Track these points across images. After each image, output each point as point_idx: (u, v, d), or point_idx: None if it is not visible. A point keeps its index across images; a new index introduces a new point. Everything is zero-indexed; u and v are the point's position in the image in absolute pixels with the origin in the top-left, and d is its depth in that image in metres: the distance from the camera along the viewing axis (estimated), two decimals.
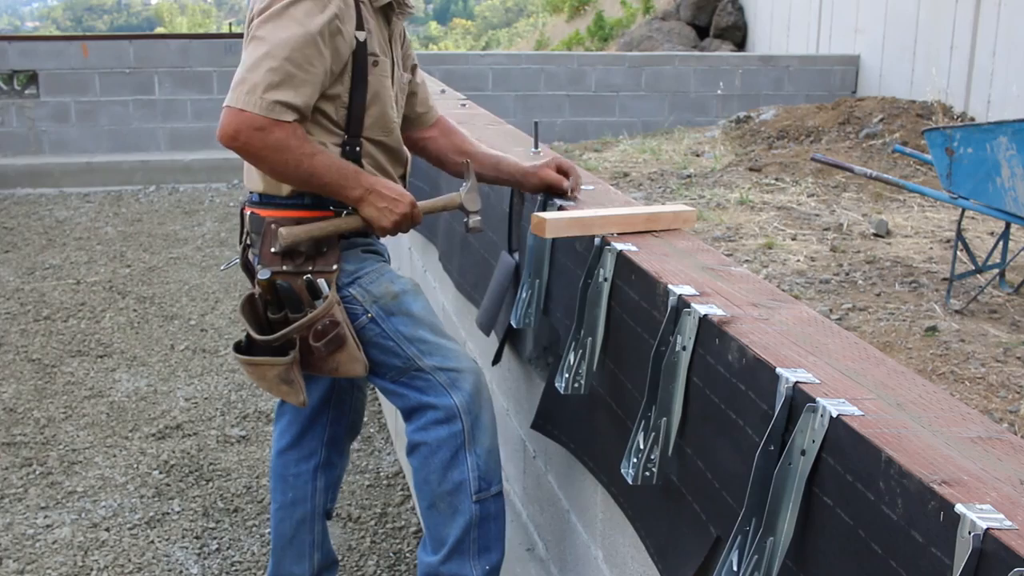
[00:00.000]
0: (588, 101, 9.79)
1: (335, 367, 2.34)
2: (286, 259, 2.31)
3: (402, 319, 2.37)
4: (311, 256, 2.32)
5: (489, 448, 2.38)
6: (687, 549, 1.71)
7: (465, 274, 3.35)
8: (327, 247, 2.33)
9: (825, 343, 1.56)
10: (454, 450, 2.35)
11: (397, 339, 2.36)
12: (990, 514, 1.04)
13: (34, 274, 6.14)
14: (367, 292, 2.37)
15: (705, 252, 2.08)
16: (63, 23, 67.08)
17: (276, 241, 2.30)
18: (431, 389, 2.36)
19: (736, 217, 6.13)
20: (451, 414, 2.34)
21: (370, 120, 2.36)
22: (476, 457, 2.36)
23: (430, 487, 2.37)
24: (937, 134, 4.82)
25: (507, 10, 49.71)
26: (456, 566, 2.37)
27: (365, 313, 2.36)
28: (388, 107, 2.39)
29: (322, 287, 2.30)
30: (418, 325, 2.38)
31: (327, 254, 2.33)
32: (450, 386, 2.36)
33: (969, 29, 8.90)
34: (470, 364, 2.41)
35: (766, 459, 1.38)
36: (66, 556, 3.17)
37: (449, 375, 2.36)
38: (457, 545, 2.37)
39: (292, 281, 2.30)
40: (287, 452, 2.66)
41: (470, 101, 4.51)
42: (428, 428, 2.36)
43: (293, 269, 2.31)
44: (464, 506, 2.35)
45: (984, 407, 3.54)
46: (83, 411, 4.21)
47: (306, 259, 2.32)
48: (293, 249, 2.30)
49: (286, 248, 2.29)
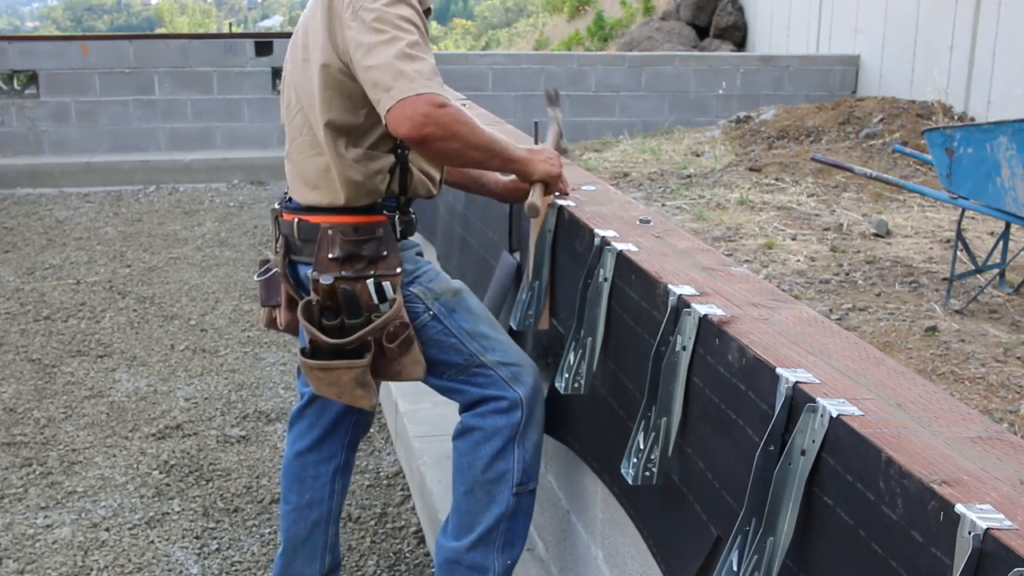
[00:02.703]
0: (588, 101, 9.79)
1: (399, 370, 2.34)
2: (345, 264, 2.30)
3: (463, 315, 2.39)
4: (372, 260, 2.31)
5: (536, 444, 2.41)
6: (688, 549, 1.71)
7: (465, 274, 3.35)
8: (387, 250, 2.32)
9: (825, 343, 1.56)
10: (506, 440, 2.37)
11: (460, 335, 2.37)
12: (990, 514, 1.04)
13: (34, 274, 6.15)
14: (429, 290, 2.38)
15: (705, 252, 2.08)
16: (63, 23, 67.08)
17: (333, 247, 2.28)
18: (493, 384, 2.38)
19: (736, 217, 6.13)
20: (514, 404, 2.37)
21: None
22: (524, 451, 2.38)
23: (473, 472, 2.39)
24: (937, 134, 4.82)
25: (507, 10, 49.70)
26: (480, 555, 2.39)
27: (427, 311, 2.37)
28: None
29: (388, 290, 2.29)
30: (479, 321, 2.40)
31: (388, 257, 2.31)
32: (513, 380, 2.38)
33: (969, 29, 8.90)
34: (529, 360, 2.44)
35: (766, 459, 1.38)
36: (66, 556, 3.17)
37: (511, 370, 2.39)
38: (486, 535, 2.39)
39: (354, 285, 2.29)
40: (306, 454, 2.64)
41: (470, 101, 4.51)
42: (486, 416, 2.38)
43: (353, 274, 2.30)
44: (502, 496, 2.37)
45: (984, 407, 3.54)
46: (83, 411, 4.21)
47: (368, 263, 2.31)
48: (355, 254, 2.29)
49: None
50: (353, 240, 2.29)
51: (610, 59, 10.18)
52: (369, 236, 2.30)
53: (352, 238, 2.29)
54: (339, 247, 2.28)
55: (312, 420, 2.64)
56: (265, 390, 4.45)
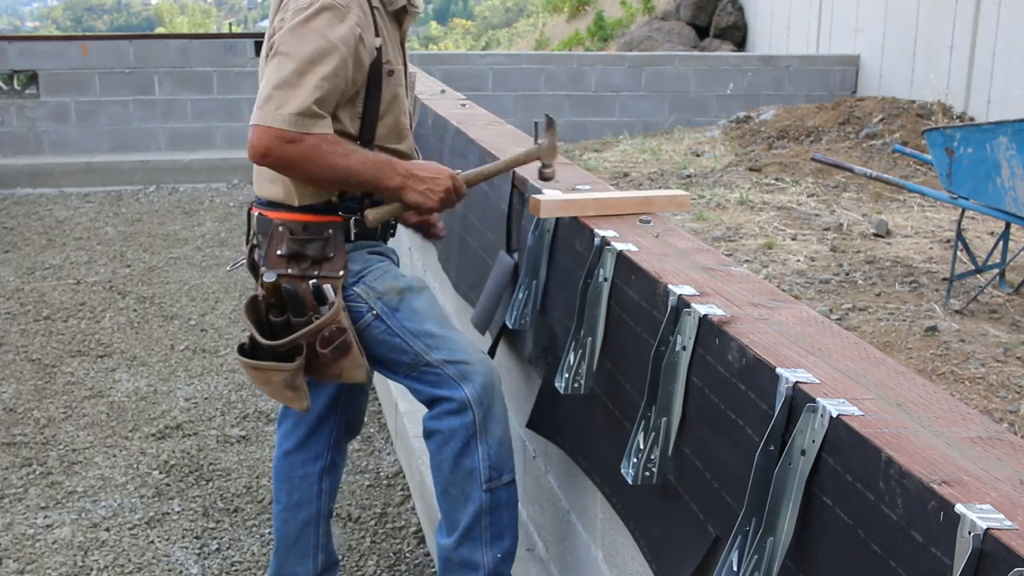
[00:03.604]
0: (588, 101, 9.79)
1: (339, 373, 2.35)
2: (292, 262, 2.32)
3: (406, 314, 2.38)
4: (317, 260, 2.32)
5: (500, 439, 2.40)
6: (683, 549, 1.71)
7: (463, 274, 3.35)
8: (334, 251, 2.33)
9: (825, 343, 1.56)
10: (465, 439, 2.37)
11: (403, 335, 2.37)
12: (990, 514, 1.04)
13: (34, 274, 6.15)
14: (371, 289, 2.37)
15: (705, 252, 2.08)
16: (63, 23, 67.07)
17: (281, 244, 2.31)
18: (442, 383, 2.37)
19: (736, 217, 6.13)
20: (463, 405, 2.36)
21: (384, 129, 2.38)
22: (487, 447, 2.38)
23: (443, 473, 2.40)
24: (937, 134, 4.82)
25: (507, 10, 49.70)
26: (468, 551, 2.40)
27: (370, 310, 2.36)
28: (401, 115, 2.41)
29: (328, 293, 2.29)
30: (423, 320, 2.38)
31: (334, 259, 2.33)
32: (460, 378, 2.37)
33: (969, 29, 8.89)
34: (480, 356, 2.42)
35: (766, 459, 1.38)
36: (66, 556, 3.17)
37: (459, 367, 2.37)
38: (468, 531, 2.40)
39: (297, 285, 2.30)
40: (293, 454, 2.65)
41: (470, 101, 4.51)
42: (442, 417, 2.38)
43: (299, 273, 2.31)
44: (475, 493, 2.38)
45: (984, 407, 3.54)
46: (83, 411, 4.21)
47: (312, 263, 2.32)
48: (299, 253, 2.30)
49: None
50: (300, 239, 2.32)
51: (610, 59, 10.17)
52: (316, 236, 2.32)
53: (299, 236, 2.32)
54: (286, 244, 2.31)
55: (297, 419, 2.65)
56: None
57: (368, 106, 2.32)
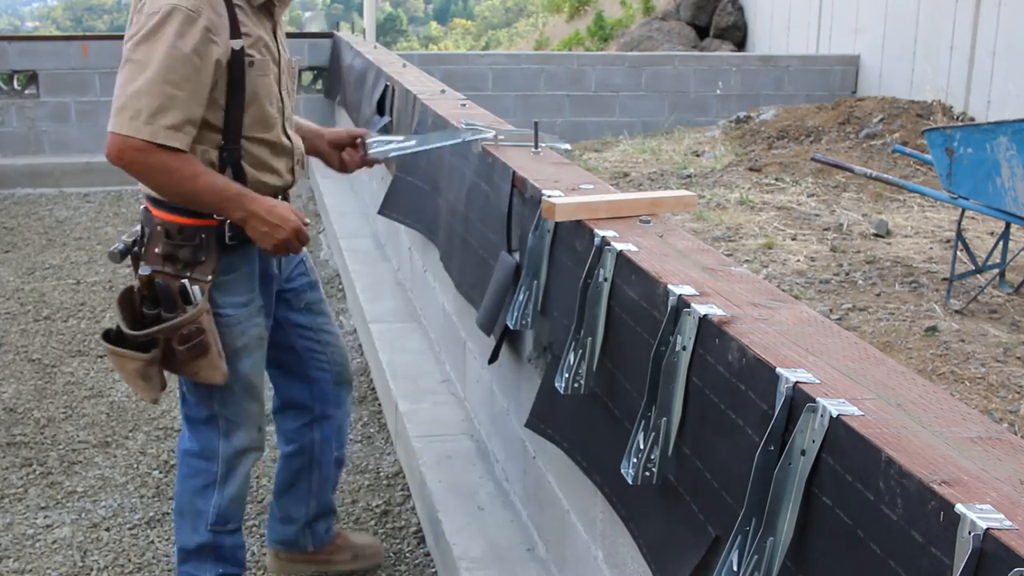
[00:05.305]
0: (588, 101, 9.78)
1: (195, 372, 2.47)
2: (167, 262, 2.41)
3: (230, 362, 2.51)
4: (190, 263, 2.41)
5: (234, 496, 2.61)
6: (683, 549, 1.71)
7: (464, 274, 3.35)
8: (205, 256, 2.41)
9: (825, 343, 1.56)
10: (206, 483, 2.58)
11: None
12: (990, 514, 1.04)
13: (34, 274, 6.14)
14: (227, 330, 2.48)
15: (705, 252, 2.08)
16: (63, 23, 67.05)
17: (159, 243, 2.41)
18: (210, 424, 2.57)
19: (736, 217, 6.13)
20: (212, 454, 2.57)
21: (249, 120, 2.41)
22: (221, 497, 2.59)
23: (183, 498, 2.62)
24: (937, 134, 4.82)
25: (507, 10, 49.67)
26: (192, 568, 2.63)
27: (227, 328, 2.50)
28: (267, 104, 2.43)
29: (194, 294, 2.39)
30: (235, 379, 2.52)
31: (204, 263, 2.41)
32: (223, 434, 2.57)
33: (969, 29, 8.89)
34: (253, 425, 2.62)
35: (766, 459, 1.38)
36: (66, 556, 3.17)
37: (229, 424, 2.57)
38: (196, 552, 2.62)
39: (171, 282, 2.40)
40: (280, 412, 2.90)
41: (470, 101, 4.51)
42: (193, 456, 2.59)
43: (173, 272, 2.41)
44: (202, 529, 2.59)
45: (984, 407, 3.54)
46: (83, 411, 4.21)
47: (185, 265, 2.41)
48: (173, 255, 2.40)
49: None
50: (174, 243, 2.40)
51: (610, 59, 10.17)
52: (188, 242, 2.40)
53: (174, 240, 2.40)
54: (162, 245, 2.41)
55: (277, 382, 2.86)
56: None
57: (231, 101, 2.35)
